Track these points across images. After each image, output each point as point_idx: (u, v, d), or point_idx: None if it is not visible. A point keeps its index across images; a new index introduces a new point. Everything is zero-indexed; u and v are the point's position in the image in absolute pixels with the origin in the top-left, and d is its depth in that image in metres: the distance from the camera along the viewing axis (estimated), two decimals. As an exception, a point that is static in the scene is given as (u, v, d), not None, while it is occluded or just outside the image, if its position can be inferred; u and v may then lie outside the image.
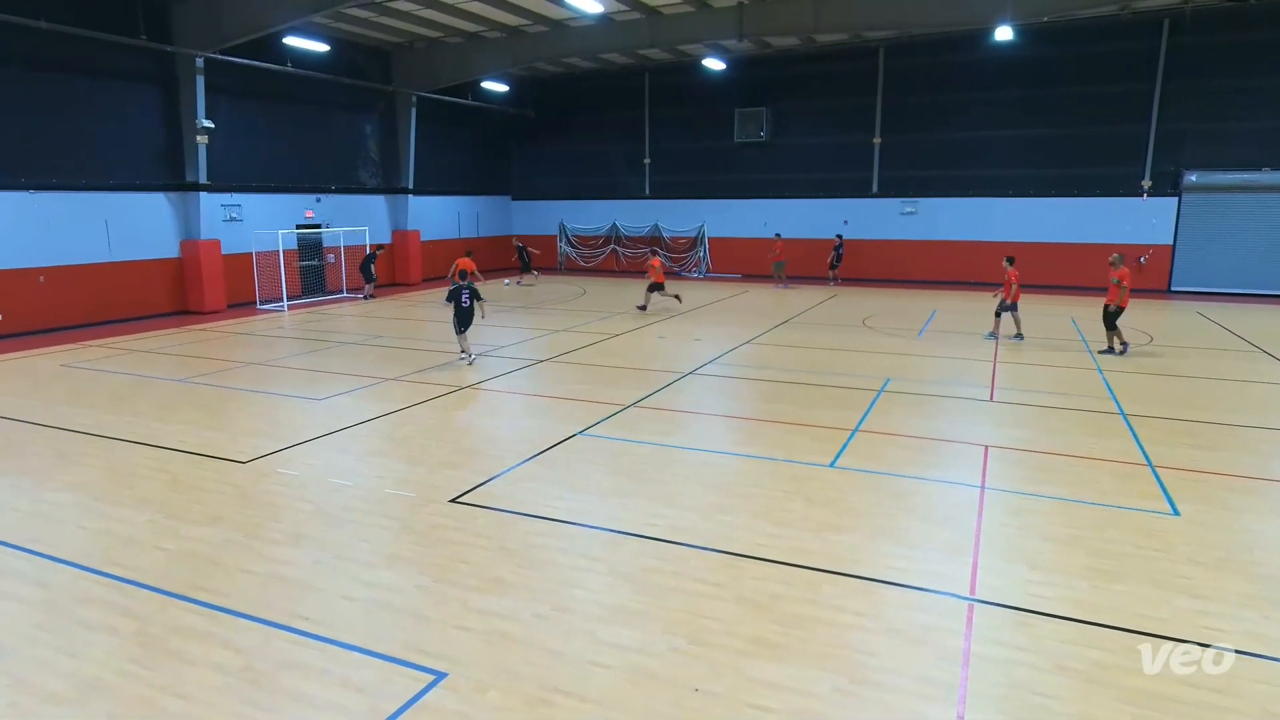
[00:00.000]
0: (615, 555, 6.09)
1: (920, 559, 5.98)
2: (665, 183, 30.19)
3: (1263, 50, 21.62)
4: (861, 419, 9.84)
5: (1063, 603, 5.31)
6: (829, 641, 4.86)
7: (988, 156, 25.34)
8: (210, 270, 19.68)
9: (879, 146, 26.68)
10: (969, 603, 5.33)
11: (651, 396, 11.05)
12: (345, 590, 5.52)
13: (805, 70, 26.86)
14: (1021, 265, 19.03)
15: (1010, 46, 22.61)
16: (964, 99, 25.23)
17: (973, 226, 25.76)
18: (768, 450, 8.65)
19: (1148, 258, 23.84)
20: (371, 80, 24.63)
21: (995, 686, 4.42)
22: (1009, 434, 9.31)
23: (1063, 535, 6.40)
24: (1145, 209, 23.75)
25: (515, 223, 32.98)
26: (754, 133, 27.69)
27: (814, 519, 6.73)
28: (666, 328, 17.35)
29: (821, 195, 27.70)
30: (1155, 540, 6.29)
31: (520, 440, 9.04)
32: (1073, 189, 24.44)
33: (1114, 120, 23.64)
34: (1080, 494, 7.30)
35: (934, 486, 7.63)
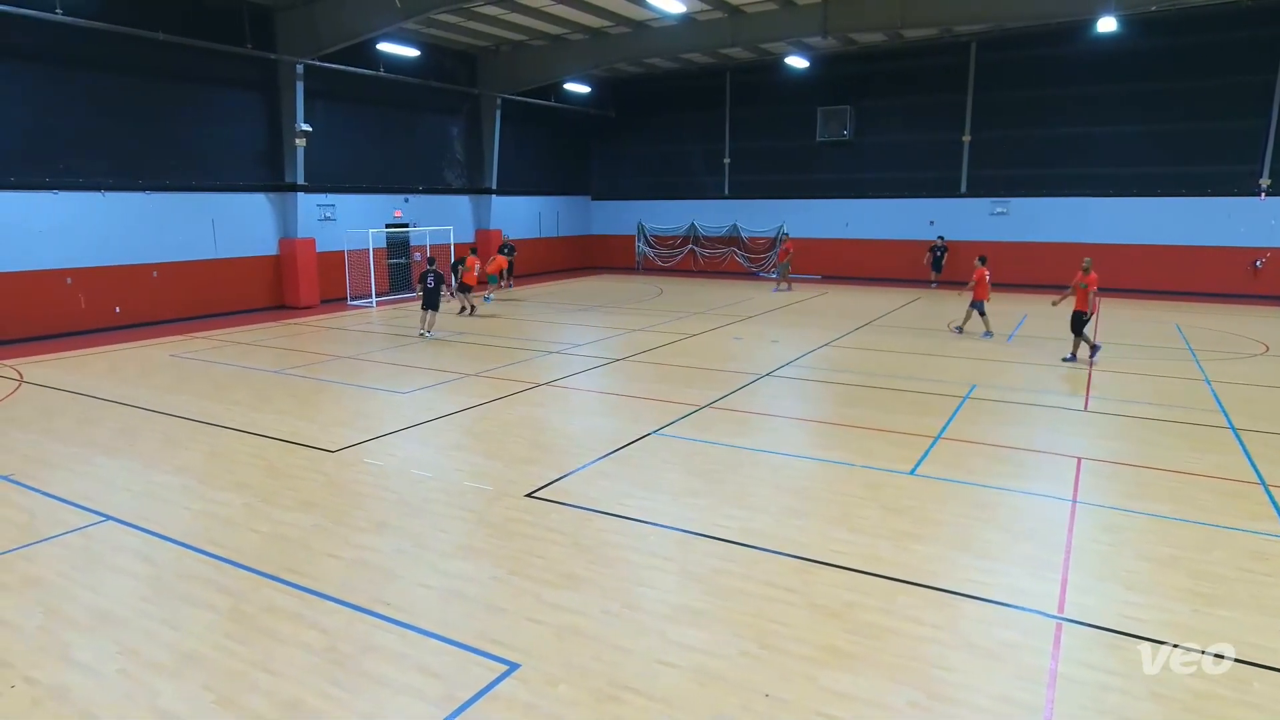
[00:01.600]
0: (686, 555, 6.08)
1: (1003, 573, 5.75)
2: (745, 182, 29.96)
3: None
4: (945, 426, 9.53)
5: (1160, 626, 5.01)
6: (903, 653, 4.73)
7: (1085, 154, 24.11)
8: (305, 267, 20.63)
9: (968, 145, 25.75)
10: (1056, 621, 5.10)
11: (727, 398, 10.99)
12: (424, 579, 5.70)
13: (891, 67, 26.17)
14: (1123, 267, 18.06)
15: (1112, 38, 21.44)
16: (1060, 94, 24.08)
17: (1068, 228, 24.55)
18: (844, 455, 8.48)
19: (1265, 261, 22.24)
20: (458, 83, 25.32)
21: (1083, 710, 4.21)
22: (1104, 446, 8.85)
23: (1161, 555, 6.05)
24: (1263, 209, 22.14)
25: (594, 222, 33.36)
26: (837, 131, 27.17)
27: (891, 527, 6.56)
28: (744, 329, 17.21)
29: (906, 195, 26.94)
30: (1266, 564, 5.87)
31: (595, 438, 9.13)
32: (1179, 188, 23.00)
33: (1227, 115, 22.12)
34: (1182, 512, 6.88)
35: (1020, 498, 7.32)
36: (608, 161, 32.80)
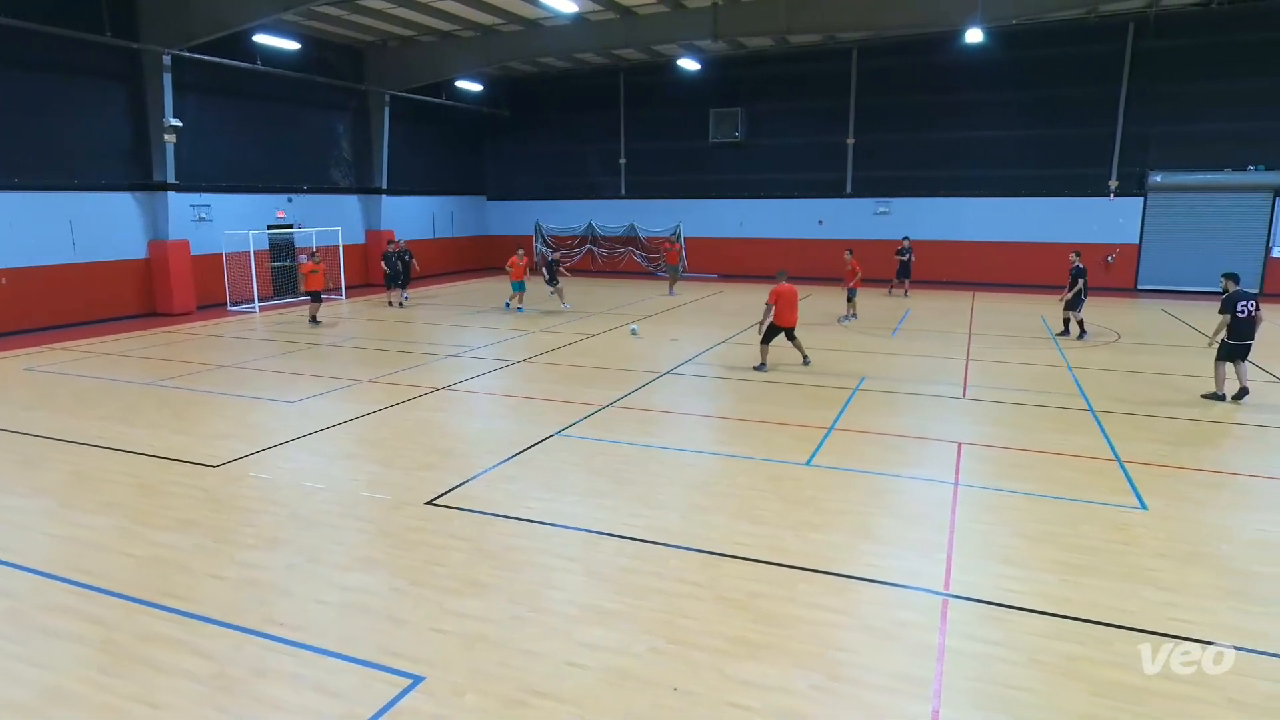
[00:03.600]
0: (593, 556, 6.07)
1: (896, 556, 6.04)
2: (641, 182, 30.22)
3: (1224, 53, 22.11)
4: (837, 417, 9.91)
5: (1035, 597, 5.38)
6: (807, 639, 4.88)
7: (960, 157, 25.65)
8: (178, 271, 19.34)
9: (852, 147, 26.90)
10: (943, 598, 5.39)
11: (629, 396, 11.05)
12: (319, 594, 5.45)
13: (779, 71, 27.01)
14: (994, 263, 19.33)
15: (981, 49, 22.87)
16: (936, 100, 25.52)
17: (945, 226, 26.06)
18: (745, 449, 8.68)
19: (1115, 257, 24.29)
20: (344, 79, 24.37)
21: (969, 680, 4.47)
22: (982, 431, 9.42)
23: (1034, 531, 6.49)
24: (1112, 209, 24.19)
25: (490, 222, 32.86)
26: (729, 133, 27.80)
27: (792, 517, 6.76)
28: (643, 328, 17.35)
29: (797, 195, 27.87)
30: (1124, 535, 6.40)
31: (497, 441, 8.98)
32: (1042, 189, 24.82)
33: (1082, 122, 24.06)
34: (1051, 490, 7.41)
35: (909, 484, 7.70)
36: (503, 161, 32.37)
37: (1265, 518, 6.85)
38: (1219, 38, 22.04)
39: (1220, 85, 22.39)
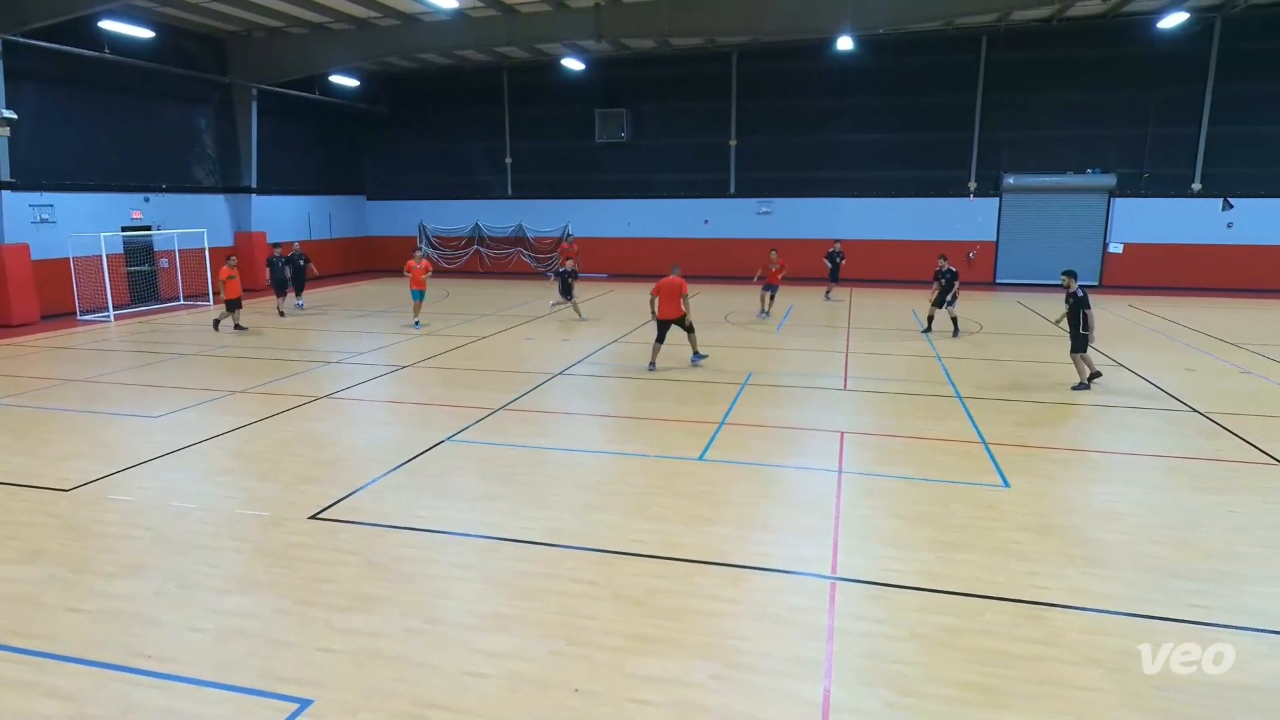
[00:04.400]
0: (488, 562, 5.97)
1: (786, 543, 6.25)
2: (527, 182, 29.94)
3: (1065, 66, 24.14)
4: (727, 412, 10.16)
5: (914, 575, 5.71)
6: (704, 630, 4.99)
7: (836, 159, 26.84)
8: (17, 278, 17.60)
9: (734, 148, 27.64)
10: (831, 581, 5.63)
11: (521, 399, 10.93)
12: (193, 621, 5.10)
13: (664, 72, 27.40)
14: (870, 260, 20.36)
15: (853, 56, 24.06)
16: (813, 104, 26.58)
17: (825, 225, 27.14)
18: (639, 447, 8.76)
19: (975, 253, 26.05)
20: (204, 70, 22.86)
21: (857, 658, 4.69)
22: (862, 420, 9.90)
23: (911, 512, 6.88)
24: (972, 208, 25.95)
25: (371, 223, 31.71)
26: (614, 133, 27.96)
27: (685, 512, 6.88)
28: (534, 329, 17.21)
29: (683, 195, 28.36)
30: (991, 511, 6.88)
31: (384, 450, 8.68)
32: (911, 190, 26.32)
33: (944, 127, 25.69)
34: (926, 473, 7.88)
35: (796, 473, 7.99)
36: (383, 159, 31.28)
37: (1109, 490, 7.53)
38: (1060, 52, 24.04)
39: (1062, 95, 24.44)
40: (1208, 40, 22.98)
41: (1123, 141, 24.42)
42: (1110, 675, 4.48)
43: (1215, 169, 23.89)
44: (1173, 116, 23.88)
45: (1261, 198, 23.53)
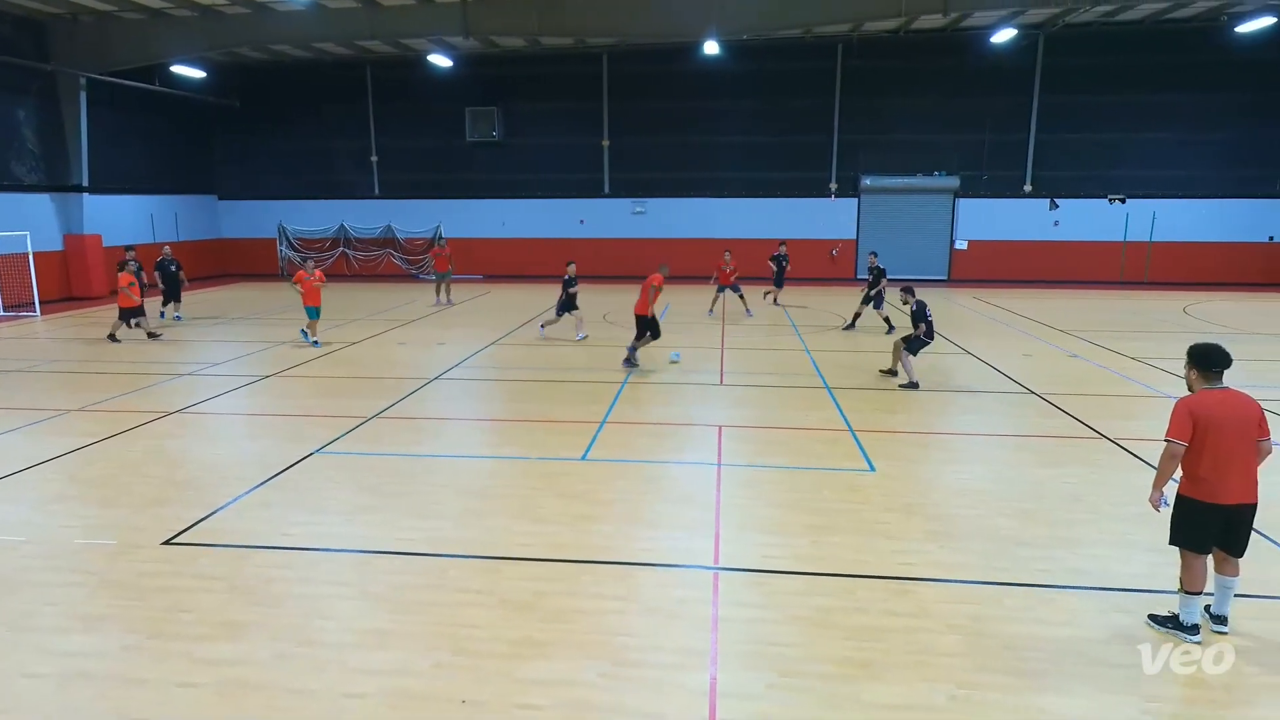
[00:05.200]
0: (365, 576, 5.73)
1: (670, 537, 6.36)
2: (396, 181, 28.94)
3: (912, 75, 25.83)
4: (608, 411, 10.22)
5: (791, 559, 5.95)
6: (592, 630, 4.99)
7: (708, 160, 27.54)
8: None
9: (608, 149, 27.82)
10: (714, 572, 5.77)
11: (396, 405, 10.55)
12: (29, 666, 4.61)
13: (535, 71, 27.19)
14: (743, 259, 21.06)
15: (721, 60, 24.75)
16: (684, 106, 27.15)
17: (697, 225, 27.85)
18: (520, 450, 8.67)
19: (838, 251, 27.46)
20: (22, 56, 20.63)
21: (741, 644, 4.83)
22: (739, 413, 10.21)
23: (787, 500, 7.17)
24: (834, 208, 27.32)
25: (224, 224, 29.69)
26: (486, 132, 27.49)
27: (569, 512, 6.87)
28: (407, 333, 16.66)
29: (557, 195, 28.27)
30: (858, 495, 7.28)
31: (247, 465, 8.15)
32: (778, 190, 27.40)
33: (806, 130, 26.91)
34: (799, 461, 8.23)
35: (677, 468, 8.15)
36: (237, 156, 29.34)
37: (963, 469, 8.13)
38: (908, 62, 25.70)
39: (911, 102, 26.15)
40: (1033, 55, 25.23)
41: (965, 146, 26.42)
42: (968, 639, 4.84)
43: (1043, 172, 26.29)
44: (1006, 124, 26.07)
45: (1082, 198, 26.09)
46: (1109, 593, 5.41)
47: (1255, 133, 25.28)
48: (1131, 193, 25.85)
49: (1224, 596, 4.88)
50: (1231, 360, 4.75)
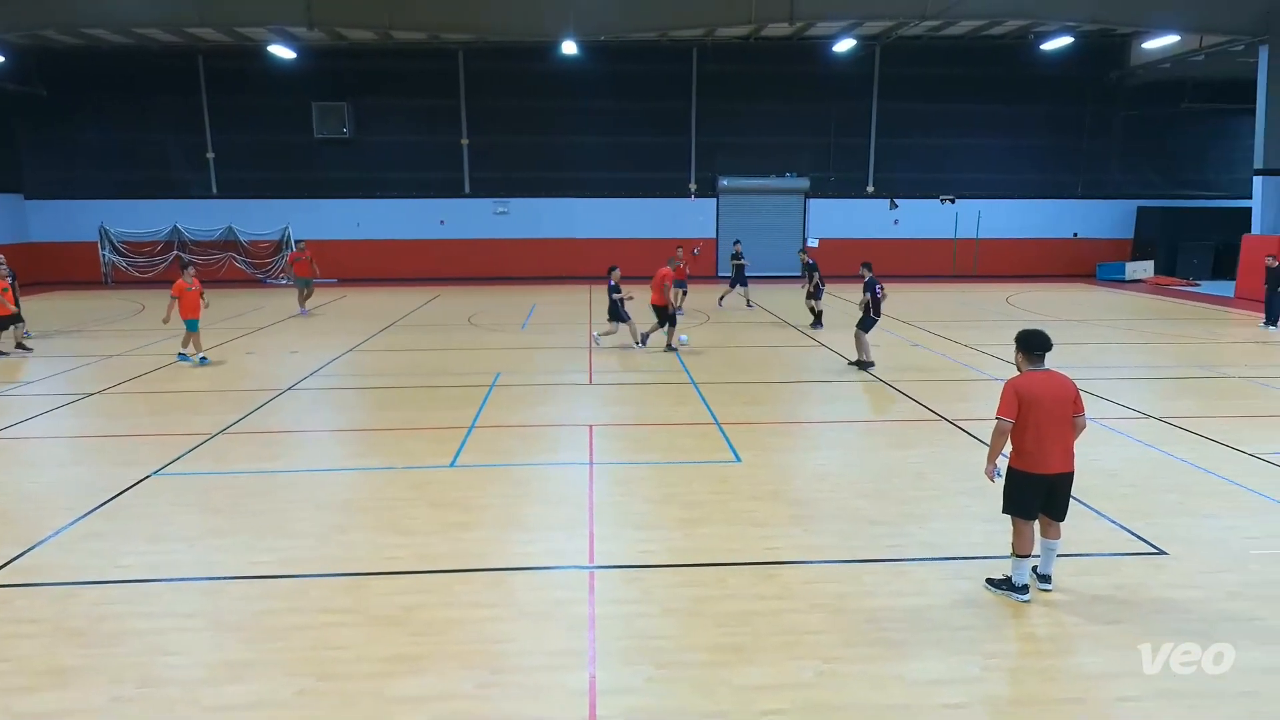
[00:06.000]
0: (216, 606, 5.33)
1: (544, 540, 6.32)
2: (236, 180, 27.06)
3: (763, 80, 26.96)
4: (477, 415, 10.02)
5: (664, 553, 6.07)
6: (468, 639, 4.88)
7: (570, 160, 27.55)
8: None
9: (467, 147, 27.25)
10: (589, 571, 5.79)
11: (246, 419, 9.87)
12: None
13: (388, 67, 26.19)
14: (605, 259, 21.21)
15: (581, 60, 24.82)
16: (545, 105, 27.01)
17: (561, 225, 27.81)
18: (385, 460, 8.34)
19: (700, 249, 28.19)
20: None
21: (618, 641, 4.88)
22: (609, 412, 10.29)
23: (659, 494, 7.30)
24: (694, 208, 28.07)
25: (33, 227, 26.68)
26: (336, 129, 26.23)
27: (440, 521, 6.68)
28: (255, 342, 15.61)
29: (415, 195, 27.39)
30: (726, 485, 7.52)
31: (72, 493, 7.36)
32: (640, 190, 27.82)
33: (665, 131, 27.49)
34: (670, 456, 8.40)
35: (549, 470, 8.11)
36: (47, 151, 26.45)
37: (821, 454, 8.59)
38: (759, 67, 26.78)
39: (763, 106, 27.29)
40: (871, 64, 26.97)
41: (813, 149, 27.88)
42: (831, 616, 5.12)
43: (883, 174, 28.18)
44: (850, 128, 27.73)
45: (917, 199, 28.15)
46: (952, 562, 5.88)
47: (1060, 141, 28.24)
48: (960, 194, 28.18)
49: (1049, 557, 5.42)
50: (1052, 344, 5.27)
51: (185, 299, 13.06)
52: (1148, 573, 5.70)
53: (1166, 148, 28.65)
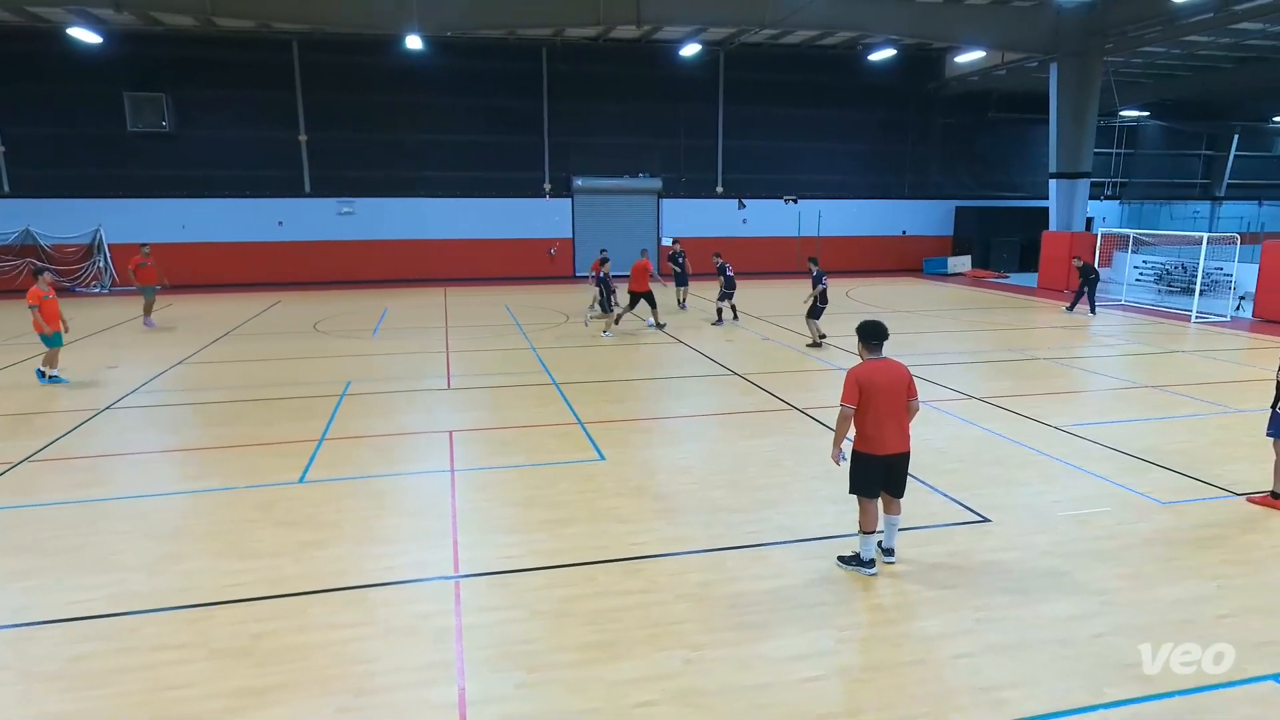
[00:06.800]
0: (27, 654, 4.75)
1: (406, 553, 6.10)
2: (34, 178, 24.21)
3: (614, 81, 27.26)
4: (327, 426, 9.51)
5: (530, 556, 6.02)
6: (327, 663, 4.63)
7: (420, 158, 26.67)
8: None
9: (306, 144, 25.76)
10: (455, 581, 5.65)
11: (54, 445, 8.85)
12: None
13: (213, 56, 24.29)
14: (460, 260, 20.69)
15: (428, 56, 24.10)
16: (392, 101, 26.00)
17: (411, 226, 26.89)
18: (225, 479, 7.74)
19: (555, 250, 28.17)
20: None
21: (487, 649, 4.79)
22: (469, 417, 10.07)
23: (523, 497, 7.23)
24: (549, 208, 27.96)
25: None
26: (153, 121, 24.04)
27: (290, 540, 6.29)
28: (64, 356, 13.99)
29: (249, 194, 25.59)
30: (591, 484, 7.56)
31: None
32: (493, 190, 27.38)
33: (518, 131, 27.21)
34: (533, 458, 8.33)
35: (408, 479, 7.83)
36: None
37: (682, 448, 8.81)
38: (610, 68, 27.06)
39: (614, 107, 27.61)
40: (717, 69, 27.93)
41: (665, 150, 28.51)
42: (696, 605, 5.27)
43: (731, 175, 29.27)
44: (699, 130, 28.59)
45: (763, 199, 29.46)
46: (806, 543, 6.21)
47: (889, 145, 30.47)
48: (802, 194, 29.76)
49: (891, 532, 5.85)
50: (888, 333, 5.68)
51: (45, 307, 11.75)
52: (976, 539, 6.27)
53: (977, 153, 31.63)
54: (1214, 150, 36.91)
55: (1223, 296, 19.17)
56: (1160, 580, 5.58)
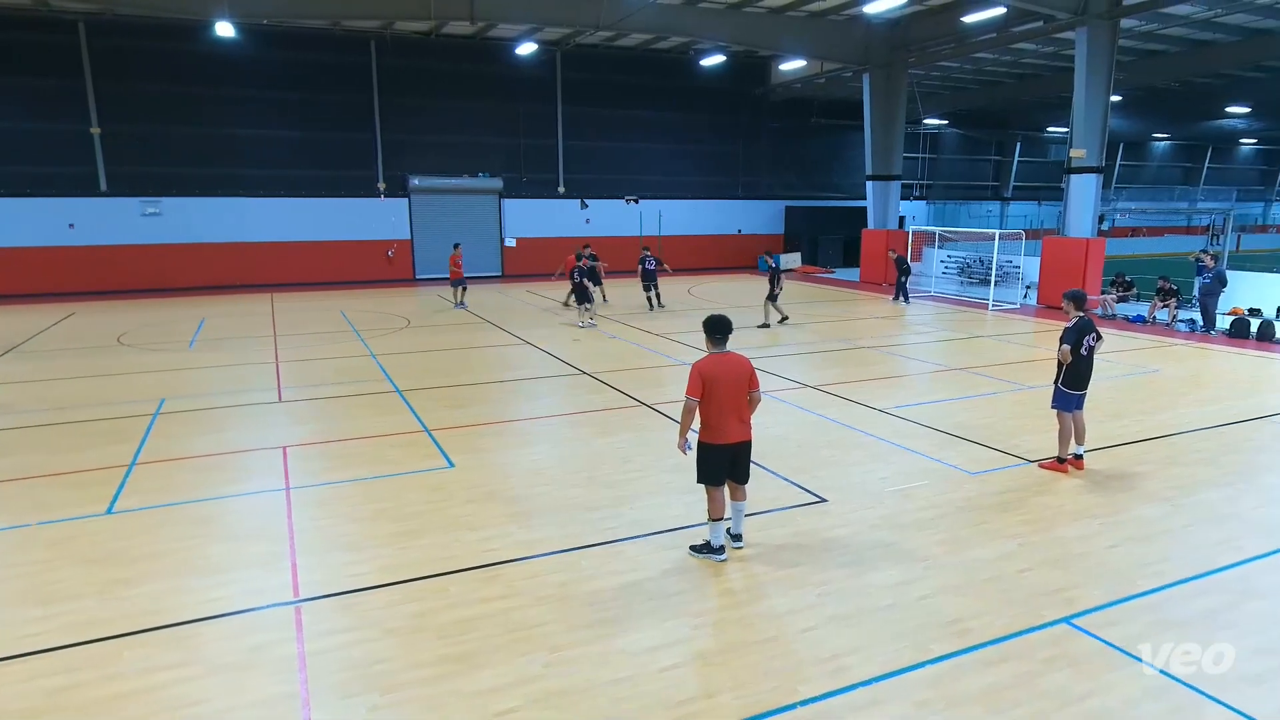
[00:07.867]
0: None
1: (237, 581, 5.63)
2: None
3: (450, 78, 26.54)
4: (138, 450, 8.60)
5: (378, 572, 5.74)
6: (144, 713, 4.18)
7: (237, 155, 24.69)
8: None
9: (100, 137, 23.16)
10: (295, 606, 5.29)
11: None
12: None
13: (-25, 35, 21.28)
14: (286, 264, 19.33)
15: (245, 45, 22.39)
16: (206, 93, 23.92)
17: (229, 228, 24.88)
18: (11, 518, 6.81)
19: (394, 251, 27.05)
20: None
21: (335, 675, 4.52)
22: (304, 430, 9.45)
23: (368, 512, 6.88)
24: (384, 208, 26.79)
25: None
26: (-97, 109, 20.72)
27: (96, 580, 5.63)
28: None
29: (31, 194, 22.67)
30: (440, 493, 7.32)
31: None
32: (322, 190, 25.85)
33: (347, 127, 25.85)
34: (377, 470, 7.95)
35: (238, 501, 7.24)
36: None
37: (534, 450, 8.72)
38: (444, 65, 26.31)
39: (451, 104, 26.88)
40: (554, 69, 27.88)
41: (505, 149, 28.11)
42: (555, 606, 5.24)
43: (572, 175, 29.33)
44: (538, 130, 28.42)
45: (605, 199, 29.76)
46: (659, 535, 6.34)
47: (723, 147, 31.71)
48: (642, 194, 30.32)
49: (738, 518, 6.09)
50: (733, 327, 5.90)
51: None
52: (815, 519, 6.66)
53: (804, 156, 33.64)
54: (1001, 156, 41.56)
55: (1013, 286, 21.50)
56: (973, 543, 6.18)
